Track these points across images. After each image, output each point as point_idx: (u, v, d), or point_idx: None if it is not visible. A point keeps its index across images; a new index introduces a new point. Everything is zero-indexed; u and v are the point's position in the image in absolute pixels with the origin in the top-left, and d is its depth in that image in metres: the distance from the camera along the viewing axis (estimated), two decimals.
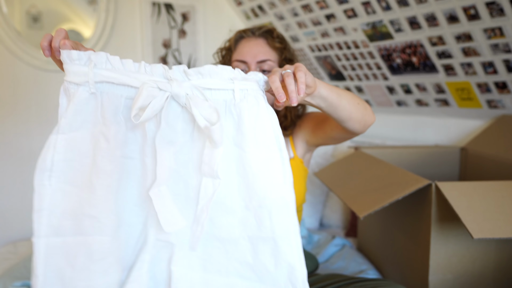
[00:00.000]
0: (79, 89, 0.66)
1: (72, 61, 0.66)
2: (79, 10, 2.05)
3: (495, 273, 1.19)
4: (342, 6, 1.72)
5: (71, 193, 0.68)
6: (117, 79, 0.66)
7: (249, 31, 1.16)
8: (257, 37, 1.14)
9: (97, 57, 0.66)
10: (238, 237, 0.72)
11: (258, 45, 1.13)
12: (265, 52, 1.12)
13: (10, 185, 1.88)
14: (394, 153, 1.66)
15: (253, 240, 0.72)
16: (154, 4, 2.16)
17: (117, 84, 0.67)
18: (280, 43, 1.14)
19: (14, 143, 1.87)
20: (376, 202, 1.12)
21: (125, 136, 0.69)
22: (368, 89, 2.06)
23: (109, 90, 0.67)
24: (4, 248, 1.76)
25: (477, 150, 1.61)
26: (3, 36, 1.80)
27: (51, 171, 0.67)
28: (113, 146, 0.67)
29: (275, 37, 1.14)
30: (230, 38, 1.19)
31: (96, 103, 0.67)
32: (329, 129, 1.05)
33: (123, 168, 0.69)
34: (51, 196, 0.67)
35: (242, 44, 1.15)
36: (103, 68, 0.66)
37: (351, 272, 1.46)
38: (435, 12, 1.45)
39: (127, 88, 0.68)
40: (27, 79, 1.88)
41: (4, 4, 1.80)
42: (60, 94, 0.67)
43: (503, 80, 1.50)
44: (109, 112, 0.67)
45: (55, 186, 0.67)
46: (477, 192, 1.06)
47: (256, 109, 0.69)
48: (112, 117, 0.67)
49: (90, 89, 0.66)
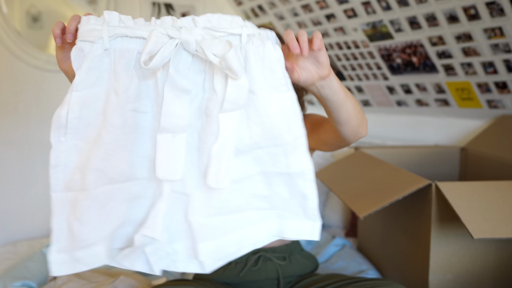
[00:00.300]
0: (93, 46, 0.67)
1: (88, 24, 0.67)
2: (79, 10, 2.05)
3: (495, 273, 1.19)
4: (342, 6, 1.72)
5: (84, 148, 0.69)
6: (130, 32, 0.67)
7: None
8: None
9: (110, 15, 0.68)
10: (253, 173, 0.74)
11: None
12: None
13: (10, 185, 1.88)
14: (394, 153, 1.66)
15: (268, 174, 0.74)
16: (154, 4, 2.16)
17: (130, 37, 0.68)
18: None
19: (14, 143, 1.87)
20: (376, 202, 1.12)
21: (136, 90, 0.69)
22: (368, 89, 2.06)
23: (122, 46, 0.68)
24: (3, 248, 1.76)
25: (477, 150, 1.61)
26: (3, 36, 1.80)
27: (66, 128, 0.68)
28: (123, 100, 0.68)
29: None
30: None
31: (110, 59, 0.68)
32: (322, 132, 1.04)
33: (135, 122, 0.69)
34: (66, 153, 0.68)
35: None
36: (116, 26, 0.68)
37: (351, 272, 1.46)
38: (435, 12, 1.45)
39: (140, 41, 0.68)
40: (27, 79, 1.88)
41: (4, 4, 1.80)
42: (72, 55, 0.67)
43: (503, 80, 1.50)
44: (121, 66, 0.67)
45: (70, 143, 0.68)
46: (477, 192, 1.06)
47: (262, 49, 0.69)
48: (123, 72, 0.67)
49: (104, 44, 0.67)
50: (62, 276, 1.27)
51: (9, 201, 1.88)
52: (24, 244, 1.80)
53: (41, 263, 1.44)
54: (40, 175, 1.94)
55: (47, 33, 1.97)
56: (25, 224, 1.93)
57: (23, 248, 1.76)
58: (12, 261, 1.62)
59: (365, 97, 2.13)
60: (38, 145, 1.92)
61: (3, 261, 1.62)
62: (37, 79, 1.91)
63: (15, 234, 1.90)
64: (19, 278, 1.32)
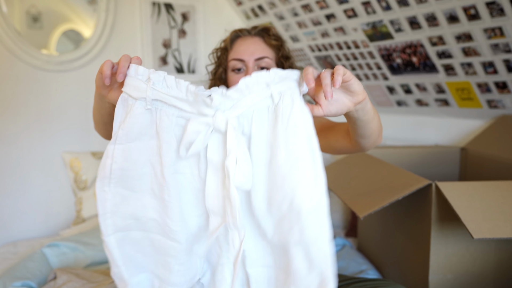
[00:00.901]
0: (136, 103, 0.71)
1: (136, 75, 0.71)
2: (79, 10, 2.05)
3: (495, 273, 1.19)
4: (342, 6, 1.72)
5: (130, 197, 0.74)
6: (169, 101, 0.71)
7: (244, 31, 1.16)
8: (253, 35, 1.15)
9: (155, 75, 0.70)
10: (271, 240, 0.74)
11: (254, 43, 1.13)
12: (262, 49, 1.13)
13: (9, 185, 1.88)
14: (394, 153, 1.66)
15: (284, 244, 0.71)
16: (154, 4, 2.16)
17: (169, 105, 0.72)
18: (276, 41, 1.15)
19: (14, 142, 1.87)
20: (376, 202, 1.12)
21: (176, 153, 0.73)
22: (368, 89, 2.06)
23: (163, 108, 0.72)
24: (3, 248, 1.76)
25: (477, 150, 1.61)
26: (3, 36, 1.80)
27: (110, 178, 0.72)
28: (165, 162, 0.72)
29: (271, 35, 1.15)
30: (226, 38, 1.19)
31: (152, 118, 0.72)
32: (333, 139, 1.03)
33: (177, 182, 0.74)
34: (112, 200, 0.74)
35: (238, 43, 1.15)
36: (159, 86, 0.71)
37: (351, 272, 1.46)
38: (435, 12, 1.45)
39: (180, 106, 0.72)
40: (27, 78, 1.88)
41: (4, 4, 1.80)
42: (117, 103, 0.72)
43: (503, 80, 1.50)
44: (162, 128, 0.72)
45: (114, 191, 0.73)
46: (477, 192, 1.06)
47: (290, 108, 0.69)
48: (164, 132, 0.72)
49: (147, 105, 0.71)
50: (62, 276, 1.27)
51: (9, 201, 1.88)
52: (24, 244, 1.80)
53: (41, 263, 1.44)
54: (40, 175, 1.94)
55: (47, 33, 1.97)
56: (25, 224, 1.93)
57: (23, 248, 1.76)
58: (12, 261, 1.62)
59: None
60: (38, 145, 1.92)
61: (3, 261, 1.62)
62: (37, 79, 1.91)
63: (15, 234, 1.90)
64: (19, 278, 1.32)
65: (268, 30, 1.16)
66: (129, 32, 2.12)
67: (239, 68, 1.12)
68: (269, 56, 1.13)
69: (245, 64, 1.11)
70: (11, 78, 1.85)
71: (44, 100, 1.93)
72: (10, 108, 1.85)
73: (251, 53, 1.11)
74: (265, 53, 1.12)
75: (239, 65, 1.12)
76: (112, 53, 2.08)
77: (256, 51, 1.12)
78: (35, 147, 1.92)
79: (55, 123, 1.97)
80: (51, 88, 1.94)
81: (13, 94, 1.85)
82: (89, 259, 1.54)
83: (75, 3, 2.05)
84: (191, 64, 2.29)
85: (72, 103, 2.00)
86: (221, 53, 1.19)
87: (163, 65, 2.22)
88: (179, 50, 2.26)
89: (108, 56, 2.06)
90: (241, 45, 1.14)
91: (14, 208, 1.89)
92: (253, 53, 1.11)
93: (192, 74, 2.30)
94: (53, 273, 1.31)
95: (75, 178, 1.96)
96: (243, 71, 1.12)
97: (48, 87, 1.94)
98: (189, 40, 2.28)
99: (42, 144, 1.94)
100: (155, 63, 2.19)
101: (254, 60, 1.11)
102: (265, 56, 1.12)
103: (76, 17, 2.05)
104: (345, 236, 1.87)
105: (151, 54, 2.17)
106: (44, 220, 1.97)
